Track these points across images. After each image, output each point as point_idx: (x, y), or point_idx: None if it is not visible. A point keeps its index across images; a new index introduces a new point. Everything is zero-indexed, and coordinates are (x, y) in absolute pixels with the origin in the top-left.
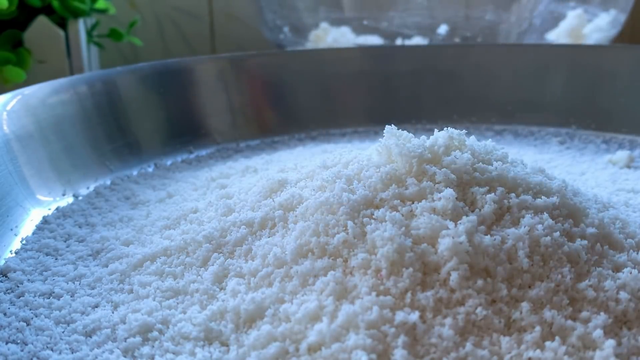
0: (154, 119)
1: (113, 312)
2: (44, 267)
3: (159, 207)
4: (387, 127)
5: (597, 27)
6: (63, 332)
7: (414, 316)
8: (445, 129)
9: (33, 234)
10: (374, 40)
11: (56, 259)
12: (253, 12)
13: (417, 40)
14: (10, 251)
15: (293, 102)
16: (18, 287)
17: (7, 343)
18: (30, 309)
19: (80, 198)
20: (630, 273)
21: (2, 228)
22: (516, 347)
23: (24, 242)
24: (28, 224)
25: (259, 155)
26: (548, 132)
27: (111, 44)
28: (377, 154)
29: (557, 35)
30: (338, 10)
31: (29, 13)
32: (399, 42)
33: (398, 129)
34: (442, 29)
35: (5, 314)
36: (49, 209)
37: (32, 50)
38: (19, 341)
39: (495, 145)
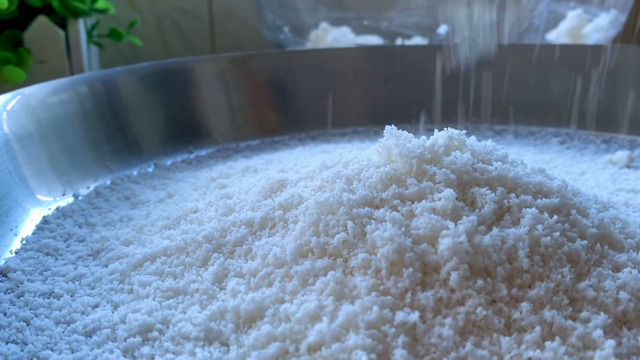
0: (154, 119)
1: (113, 312)
2: (44, 267)
3: (159, 207)
4: (387, 127)
5: (597, 27)
6: (63, 332)
7: (414, 316)
8: (445, 129)
9: (33, 234)
10: (374, 40)
11: (56, 259)
12: (253, 12)
13: (417, 40)
14: (10, 251)
15: (293, 102)
16: (18, 287)
17: (7, 343)
18: (30, 309)
19: (80, 198)
20: (630, 273)
21: (2, 228)
22: (516, 347)
23: (24, 242)
24: (28, 224)
25: (259, 155)
26: (548, 132)
27: (111, 44)
28: (377, 154)
29: (557, 35)
30: (338, 10)
31: (29, 13)
32: (399, 42)
33: (398, 129)
34: (442, 29)
35: (5, 314)
36: (49, 209)
37: (32, 50)
38: (19, 341)
39: (495, 145)
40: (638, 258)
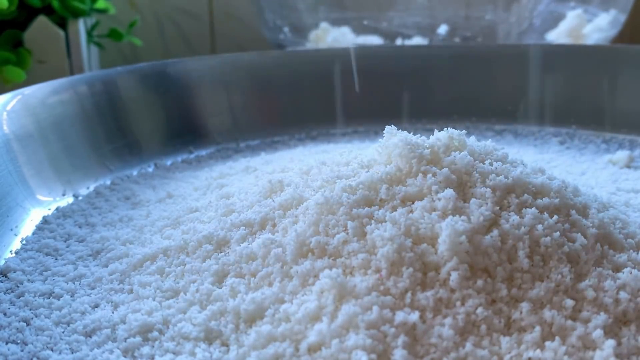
0: (154, 119)
1: (113, 312)
2: (44, 267)
3: (159, 207)
4: (387, 127)
5: (597, 27)
6: (63, 332)
7: (414, 316)
8: (445, 129)
9: (33, 234)
10: (374, 40)
11: (56, 259)
12: (253, 12)
13: (417, 40)
14: (10, 251)
15: (293, 102)
16: (18, 287)
17: (7, 343)
18: (30, 309)
19: (80, 198)
20: (630, 273)
21: (2, 228)
22: (516, 347)
23: (24, 242)
24: (28, 224)
25: (259, 155)
26: (548, 132)
27: (111, 44)
28: (377, 154)
29: (557, 35)
30: (338, 10)
31: (29, 13)
32: (399, 42)
33: (398, 129)
34: (442, 29)
35: (5, 314)
36: (49, 209)
37: (32, 50)
38: (19, 341)
39: (495, 145)
40: (638, 258)
